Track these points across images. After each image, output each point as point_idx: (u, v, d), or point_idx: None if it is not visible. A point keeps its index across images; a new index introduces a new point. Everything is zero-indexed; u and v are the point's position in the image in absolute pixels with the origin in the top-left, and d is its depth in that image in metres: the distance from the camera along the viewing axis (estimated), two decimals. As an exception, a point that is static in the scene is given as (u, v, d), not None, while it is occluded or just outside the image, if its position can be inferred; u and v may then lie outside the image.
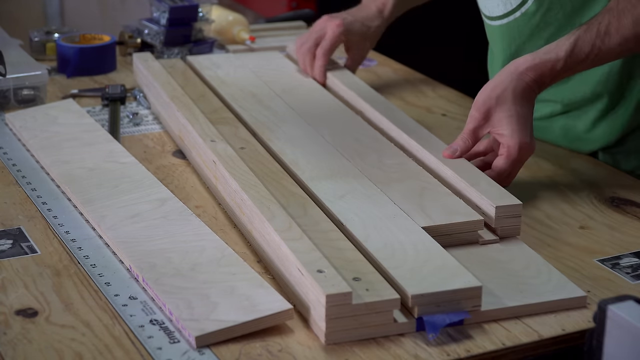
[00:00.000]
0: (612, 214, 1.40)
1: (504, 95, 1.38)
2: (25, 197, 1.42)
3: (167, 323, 1.12)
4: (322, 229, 1.24)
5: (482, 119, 1.39)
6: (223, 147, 1.42)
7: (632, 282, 1.23)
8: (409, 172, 1.39)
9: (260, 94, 1.69)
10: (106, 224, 1.30)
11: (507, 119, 1.37)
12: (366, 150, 1.46)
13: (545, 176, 1.51)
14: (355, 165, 1.41)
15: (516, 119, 1.37)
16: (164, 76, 1.71)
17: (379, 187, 1.34)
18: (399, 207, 1.28)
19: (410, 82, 1.91)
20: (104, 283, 1.20)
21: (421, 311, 1.11)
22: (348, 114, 1.60)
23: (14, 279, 1.21)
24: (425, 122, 1.67)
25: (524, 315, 1.15)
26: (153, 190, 1.38)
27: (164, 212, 1.32)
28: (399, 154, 1.45)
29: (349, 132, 1.52)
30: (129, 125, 1.67)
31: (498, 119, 1.38)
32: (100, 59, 1.92)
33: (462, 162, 1.39)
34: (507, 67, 1.40)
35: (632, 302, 0.98)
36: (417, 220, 1.25)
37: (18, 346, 1.09)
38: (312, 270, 1.11)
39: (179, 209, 1.33)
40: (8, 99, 1.73)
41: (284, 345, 1.09)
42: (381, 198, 1.31)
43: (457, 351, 1.09)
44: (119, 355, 1.07)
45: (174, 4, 1.96)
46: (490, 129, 1.40)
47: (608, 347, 0.99)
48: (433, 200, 1.30)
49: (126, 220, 1.30)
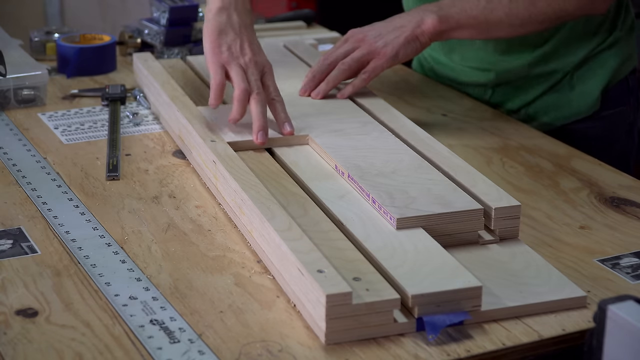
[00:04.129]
0: (612, 214, 1.40)
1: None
2: (25, 197, 1.42)
3: (167, 323, 1.12)
4: (322, 229, 1.24)
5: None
6: (223, 147, 1.42)
7: (632, 282, 1.23)
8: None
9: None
10: (314, 134, 1.47)
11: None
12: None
13: (545, 176, 1.51)
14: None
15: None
16: (164, 76, 1.71)
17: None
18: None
19: (410, 82, 1.91)
20: (104, 283, 1.20)
21: (421, 311, 1.11)
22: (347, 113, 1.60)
23: (14, 279, 1.21)
24: (425, 122, 1.67)
25: (524, 315, 1.15)
26: (355, 115, 1.56)
27: (365, 131, 1.49)
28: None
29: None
30: (129, 125, 1.67)
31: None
32: (100, 59, 1.92)
33: (461, 162, 1.39)
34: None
35: (632, 302, 0.98)
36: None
37: (18, 346, 1.09)
38: (312, 270, 1.11)
39: (380, 129, 1.50)
40: (8, 99, 1.73)
41: (284, 345, 1.09)
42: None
43: (457, 351, 1.09)
44: (119, 355, 1.07)
45: (174, 4, 1.96)
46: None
47: (608, 347, 0.99)
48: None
49: (332, 133, 1.48)
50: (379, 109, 1.59)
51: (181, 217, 1.37)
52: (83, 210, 1.38)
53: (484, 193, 1.30)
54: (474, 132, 1.67)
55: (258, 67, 1.51)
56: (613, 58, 1.75)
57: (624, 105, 1.80)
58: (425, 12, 1.61)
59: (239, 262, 1.26)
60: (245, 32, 1.53)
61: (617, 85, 1.78)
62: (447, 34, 1.62)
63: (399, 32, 1.61)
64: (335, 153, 1.41)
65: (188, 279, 1.22)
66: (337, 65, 1.62)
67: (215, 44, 1.51)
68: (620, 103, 1.80)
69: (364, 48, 1.61)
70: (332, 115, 1.55)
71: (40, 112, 1.72)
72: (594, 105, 1.76)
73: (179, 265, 1.25)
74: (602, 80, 1.75)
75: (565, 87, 1.76)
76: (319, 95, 1.62)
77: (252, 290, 1.20)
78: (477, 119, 1.73)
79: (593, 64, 1.75)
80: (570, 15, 1.63)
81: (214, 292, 1.19)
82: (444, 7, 1.61)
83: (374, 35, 1.62)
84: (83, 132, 1.65)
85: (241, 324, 1.13)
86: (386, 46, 1.60)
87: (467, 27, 1.61)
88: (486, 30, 1.63)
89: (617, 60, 1.76)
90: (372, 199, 1.29)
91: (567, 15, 1.63)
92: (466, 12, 1.60)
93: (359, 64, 1.62)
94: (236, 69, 1.49)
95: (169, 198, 1.42)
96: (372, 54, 1.61)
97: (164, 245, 1.30)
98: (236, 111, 1.47)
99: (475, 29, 1.62)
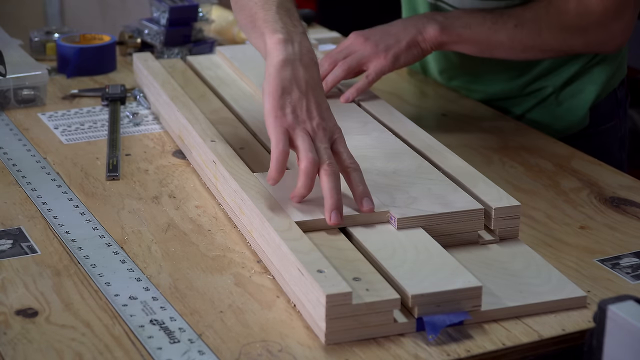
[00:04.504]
0: (612, 214, 1.40)
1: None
2: (25, 197, 1.42)
3: (167, 323, 1.12)
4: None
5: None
6: (223, 147, 1.42)
7: (632, 282, 1.23)
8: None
9: (261, 93, 1.69)
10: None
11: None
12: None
13: (545, 176, 1.51)
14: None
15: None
16: (164, 76, 1.71)
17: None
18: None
19: (410, 82, 1.91)
20: (104, 283, 1.20)
21: (421, 311, 1.11)
22: (347, 113, 1.60)
23: (14, 279, 1.21)
24: (425, 122, 1.67)
25: (524, 315, 1.15)
26: (355, 115, 1.55)
27: (365, 131, 1.49)
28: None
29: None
30: (129, 125, 1.67)
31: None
32: (100, 59, 1.92)
33: (461, 163, 1.39)
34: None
35: (632, 302, 0.98)
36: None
37: (18, 346, 1.09)
38: (312, 270, 1.11)
39: (380, 129, 1.50)
40: (8, 99, 1.73)
41: (284, 345, 1.09)
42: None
43: (457, 351, 1.09)
44: (119, 355, 1.07)
45: (174, 4, 1.96)
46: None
47: (608, 347, 0.99)
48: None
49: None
50: (380, 109, 1.59)
51: (181, 217, 1.37)
52: (83, 210, 1.38)
53: (484, 193, 1.30)
54: (474, 132, 1.67)
55: (327, 134, 1.28)
56: (603, 72, 1.72)
57: (613, 119, 1.77)
58: (430, 20, 1.60)
59: (239, 262, 1.26)
60: (312, 91, 1.29)
61: (606, 98, 1.75)
62: (448, 45, 1.61)
63: (401, 36, 1.60)
64: None
65: (188, 279, 1.22)
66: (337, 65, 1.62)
67: (277, 105, 1.27)
68: (609, 118, 1.77)
69: (365, 50, 1.61)
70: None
71: (40, 112, 1.72)
72: (583, 121, 1.73)
73: (179, 265, 1.25)
74: (591, 95, 1.72)
75: (553, 103, 1.74)
76: None
77: (252, 290, 1.20)
78: (477, 119, 1.73)
79: (584, 79, 1.73)
80: (575, 51, 1.61)
81: (214, 292, 1.19)
82: (449, 17, 1.60)
83: (376, 38, 1.61)
84: (83, 132, 1.65)
85: (241, 324, 1.13)
86: (388, 50, 1.60)
87: (468, 43, 1.60)
88: (487, 49, 1.62)
89: (607, 74, 1.72)
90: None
91: (571, 50, 1.61)
92: (470, 28, 1.58)
93: (359, 65, 1.61)
94: (302, 135, 1.26)
95: (169, 198, 1.42)
96: (373, 56, 1.60)
97: (164, 245, 1.30)
98: (303, 186, 1.24)
99: (476, 46, 1.61)
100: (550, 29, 1.57)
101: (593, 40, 1.59)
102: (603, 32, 1.58)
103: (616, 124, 1.78)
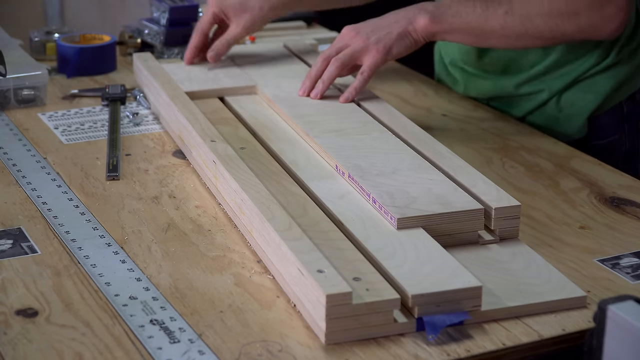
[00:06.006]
0: (612, 214, 1.40)
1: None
2: (25, 197, 1.42)
3: (167, 323, 1.12)
4: (322, 229, 1.24)
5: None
6: (223, 147, 1.42)
7: (632, 282, 1.23)
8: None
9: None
10: (314, 133, 1.47)
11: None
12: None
13: (545, 176, 1.51)
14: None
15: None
16: (164, 76, 1.71)
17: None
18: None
19: (410, 82, 1.91)
20: (104, 283, 1.20)
21: (421, 311, 1.11)
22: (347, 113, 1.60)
23: (14, 279, 1.21)
24: (425, 122, 1.67)
25: (524, 315, 1.15)
26: (355, 115, 1.56)
27: (365, 131, 1.49)
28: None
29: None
30: (129, 125, 1.67)
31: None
32: (100, 59, 1.92)
33: (461, 163, 1.39)
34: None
35: (632, 302, 0.98)
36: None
37: (18, 346, 1.09)
38: (312, 270, 1.11)
39: (380, 129, 1.50)
40: (8, 99, 1.73)
41: (284, 345, 1.09)
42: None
43: (457, 351, 1.09)
44: (119, 355, 1.07)
45: (174, 4, 1.96)
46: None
47: (608, 347, 0.99)
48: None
49: (333, 133, 1.48)
50: (379, 109, 1.58)
51: (181, 217, 1.37)
52: (83, 210, 1.38)
53: (484, 193, 1.30)
54: (474, 132, 1.67)
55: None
56: (607, 83, 1.70)
57: (616, 134, 1.74)
58: (420, 10, 1.60)
59: (239, 262, 1.26)
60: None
61: (609, 111, 1.72)
62: (440, 35, 1.60)
63: (392, 27, 1.60)
64: (336, 153, 1.41)
65: (188, 279, 1.22)
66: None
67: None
68: (611, 132, 1.74)
69: (357, 44, 1.61)
70: (333, 115, 1.55)
71: (40, 112, 1.73)
72: (580, 130, 1.71)
73: (179, 265, 1.25)
74: (591, 105, 1.70)
75: (554, 109, 1.73)
76: (318, 95, 1.62)
77: (252, 290, 1.20)
78: (478, 119, 1.73)
79: (583, 87, 1.71)
80: (569, 37, 1.58)
81: (214, 292, 1.19)
82: (440, 7, 1.60)
83: (367, 31, 1.61)
84: (83, 132, 1.65)
85: (241, 324, 1.13)
86: (379, 42, 1.60)
87: (460, 32, 1.59)
88: (481, 38, 1.60)
89: (610, 84, 1.70)
90: (373, 199, 1.29)
91: (564, 36, 1.58)
92: (461, 16, 1.58)
93: (352, 59, 1.61)
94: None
95: (169, 198, 1.42)
96: (365, 49, 1.60)
97: (164, 245, 1.30)
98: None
99: (469, 35, 1.60)
100: (542, 14, 1.55)
101: (586, 24, 1.55)
102: (596, 15, 1.55)
103: (621, 138, 1.75)
